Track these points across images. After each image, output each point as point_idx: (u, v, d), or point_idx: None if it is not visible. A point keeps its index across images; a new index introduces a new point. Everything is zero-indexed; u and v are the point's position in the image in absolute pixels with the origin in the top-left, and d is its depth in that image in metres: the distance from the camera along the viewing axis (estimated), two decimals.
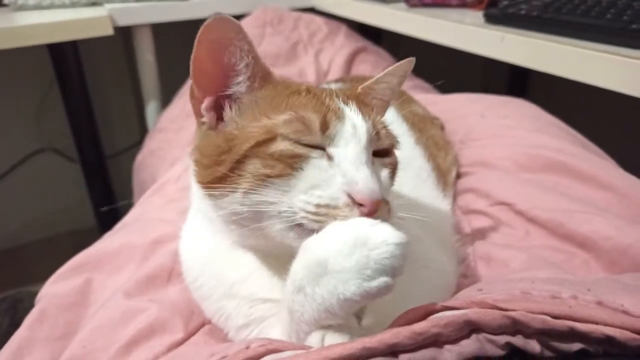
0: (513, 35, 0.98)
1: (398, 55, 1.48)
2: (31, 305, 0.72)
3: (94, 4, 1.37)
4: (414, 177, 0.77)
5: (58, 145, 1.78)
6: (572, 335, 0.40)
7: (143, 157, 1.25)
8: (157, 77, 1.49)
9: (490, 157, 0.89)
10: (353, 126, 0.49)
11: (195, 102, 0.54)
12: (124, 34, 1.49)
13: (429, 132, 0.88)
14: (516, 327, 0.40)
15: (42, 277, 0.76)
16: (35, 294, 0.73)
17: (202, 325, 0.63)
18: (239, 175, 0.48)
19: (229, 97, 0.53)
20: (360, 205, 0.45)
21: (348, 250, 0.41)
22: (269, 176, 0.47)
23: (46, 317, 0.67)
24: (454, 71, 1.58)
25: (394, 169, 0.55)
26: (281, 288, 0.52)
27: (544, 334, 0.41)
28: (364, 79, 1.05)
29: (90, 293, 0.71)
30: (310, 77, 1.29)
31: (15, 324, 0.67)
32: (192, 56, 0.50)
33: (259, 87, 0.53)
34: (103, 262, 0.75)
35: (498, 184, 0.82)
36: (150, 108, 1.53)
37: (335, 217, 0.45)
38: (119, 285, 0.70)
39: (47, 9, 1.32)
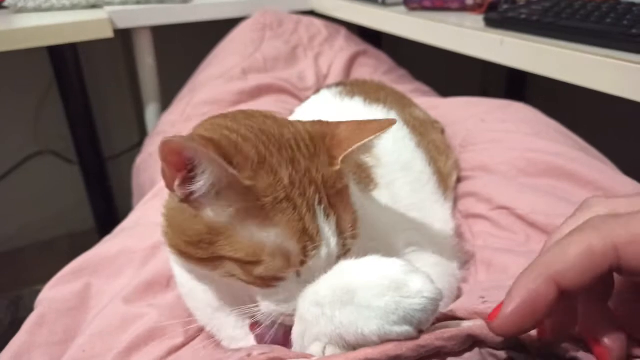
0: (513, 39, 0.98)
1: (398, 58, 1.48)
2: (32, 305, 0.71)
3: (94, 7, 1.36)
4: (415, 181, 0.77)
5: (56, 147, 1.77)
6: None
7: (142, 160, 1.24)
8: (157, 79, 1.49)
9: (490, 162, 0.89)
10: (327, 254, 0.48)
11: (166, 177, 0.48)
12: (124, 37, 1.49)
13: (429, 136, 0.88)
14: (519, 341, 0.40)
15: (40, 280, 0.75)
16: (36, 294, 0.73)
17: (202, 330, 0.63)
18: (216, 263, 0.48)
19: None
20: None
21: (381, 289, 0.40)
22: (245, 282, 0.48)
23: (45, 321, 0.67)
24: (453, 74, 1.58)
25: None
26: None
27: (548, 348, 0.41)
28: (364, 82, 1.06)
29: (89, 298, 0.71)
30: (310, 81, 1.29)
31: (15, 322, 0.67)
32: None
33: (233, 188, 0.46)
34: (102, 266, 0.75)
35: (498, 189, 0.82)
36: (150, 111, 1.53)
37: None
38: (118, 291, 0.70)
39: (47, 12, 1.32)
